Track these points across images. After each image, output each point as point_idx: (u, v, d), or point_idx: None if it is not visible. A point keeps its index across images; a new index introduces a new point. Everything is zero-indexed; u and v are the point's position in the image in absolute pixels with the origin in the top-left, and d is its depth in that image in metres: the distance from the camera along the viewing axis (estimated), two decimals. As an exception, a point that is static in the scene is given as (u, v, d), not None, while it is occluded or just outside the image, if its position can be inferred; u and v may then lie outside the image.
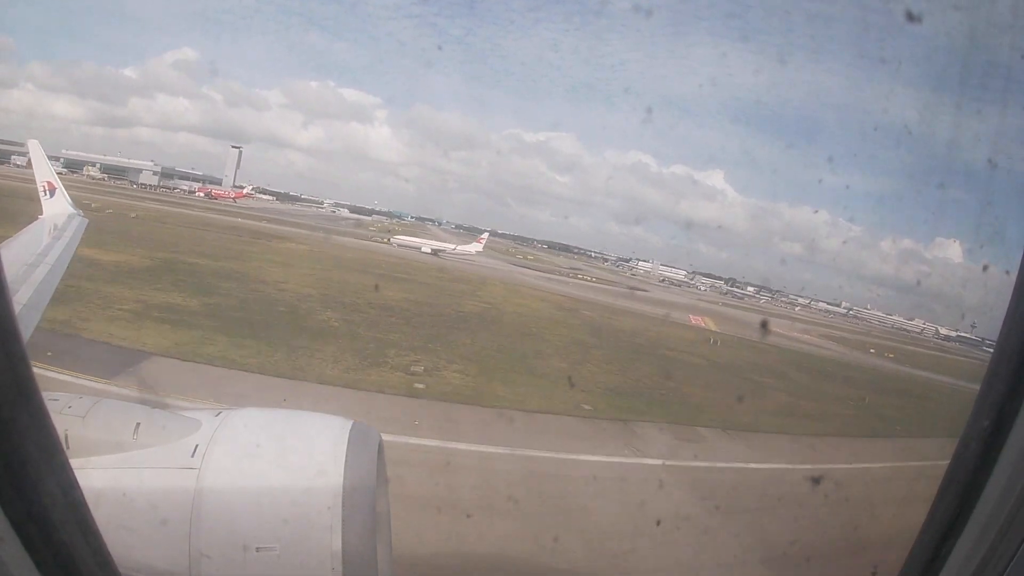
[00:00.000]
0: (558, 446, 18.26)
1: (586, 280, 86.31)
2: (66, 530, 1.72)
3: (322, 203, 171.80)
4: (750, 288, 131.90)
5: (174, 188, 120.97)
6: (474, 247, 79.36)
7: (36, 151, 18.55)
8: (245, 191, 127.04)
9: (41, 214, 16.62)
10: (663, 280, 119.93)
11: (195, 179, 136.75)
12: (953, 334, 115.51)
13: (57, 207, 17.08)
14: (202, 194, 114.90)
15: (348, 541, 2.91)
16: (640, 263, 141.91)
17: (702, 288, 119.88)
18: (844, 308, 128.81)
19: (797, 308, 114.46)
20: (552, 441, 18.69)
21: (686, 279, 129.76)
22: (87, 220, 16.44)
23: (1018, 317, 2.21)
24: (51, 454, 1.71)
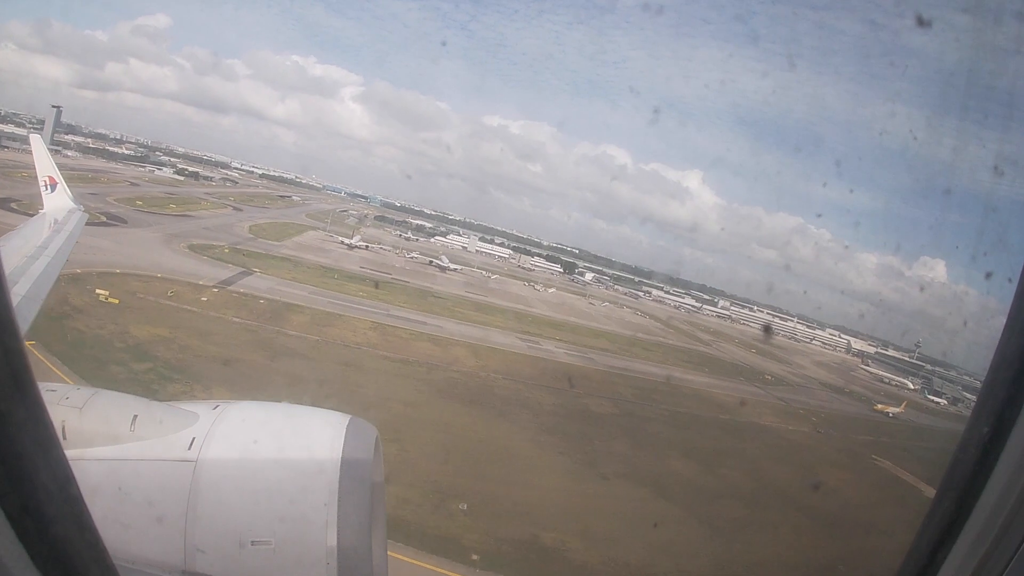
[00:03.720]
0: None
1: None
2: (61, 523, 1.71)
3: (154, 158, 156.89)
4: (589, 274, 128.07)
5: None
6: None
7: (38, 145, 18.56)
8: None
9: (42, 208, 16.65)
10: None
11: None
12: (871, 351, 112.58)
13: (58, 201, 17.09)
14: None
15: (343, 536, 2.90)
16: (453, 236, 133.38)
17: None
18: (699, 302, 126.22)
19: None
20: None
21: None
22: (87, 215, 16.44)
23: (1018, 325, 2.20)
24: (47, 447, 1.69)
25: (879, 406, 72.71)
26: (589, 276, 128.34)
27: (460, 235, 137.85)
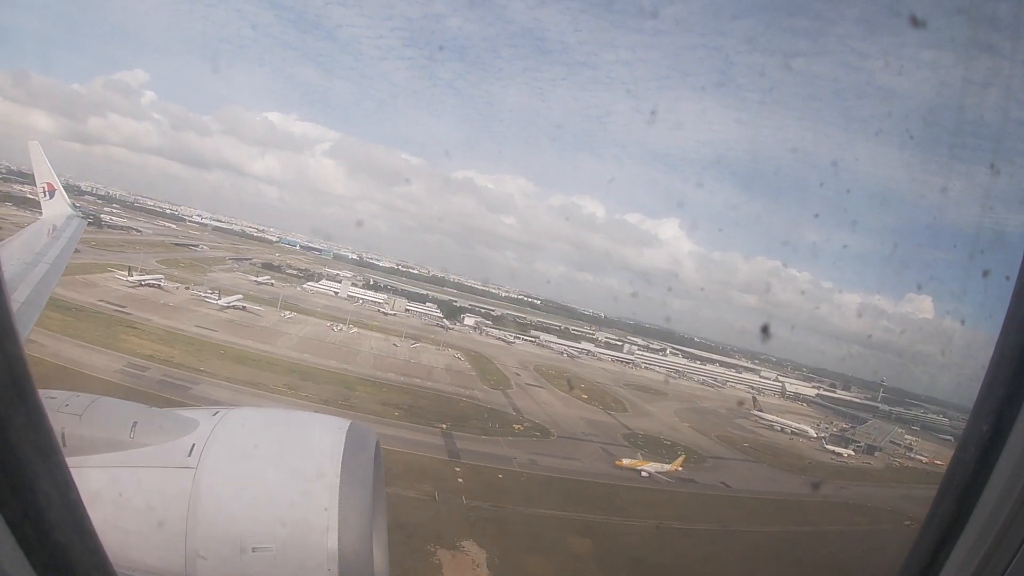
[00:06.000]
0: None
1: None
2: (62, 530, 1.71)
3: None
4: (472, 319, 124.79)
5: None
6: None
7: (36, 153, 18.58)
8: None
9: (41, 215, 16.72)
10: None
11: None
12: (812, 392, 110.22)
13: (56, 208, 17.13)
14: None
15: (344, 542, 2.89)
16: (325, 281, 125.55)
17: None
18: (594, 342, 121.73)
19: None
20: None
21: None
22: (86, 222, 16.49)
23: (1017, 323, 2.20)
24: (48, 453, 1.69)
25: (625, 462, 57.30)
26: (472, 320, 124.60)
27: (337, 280, 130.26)
